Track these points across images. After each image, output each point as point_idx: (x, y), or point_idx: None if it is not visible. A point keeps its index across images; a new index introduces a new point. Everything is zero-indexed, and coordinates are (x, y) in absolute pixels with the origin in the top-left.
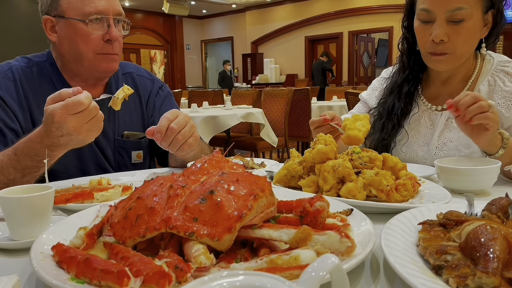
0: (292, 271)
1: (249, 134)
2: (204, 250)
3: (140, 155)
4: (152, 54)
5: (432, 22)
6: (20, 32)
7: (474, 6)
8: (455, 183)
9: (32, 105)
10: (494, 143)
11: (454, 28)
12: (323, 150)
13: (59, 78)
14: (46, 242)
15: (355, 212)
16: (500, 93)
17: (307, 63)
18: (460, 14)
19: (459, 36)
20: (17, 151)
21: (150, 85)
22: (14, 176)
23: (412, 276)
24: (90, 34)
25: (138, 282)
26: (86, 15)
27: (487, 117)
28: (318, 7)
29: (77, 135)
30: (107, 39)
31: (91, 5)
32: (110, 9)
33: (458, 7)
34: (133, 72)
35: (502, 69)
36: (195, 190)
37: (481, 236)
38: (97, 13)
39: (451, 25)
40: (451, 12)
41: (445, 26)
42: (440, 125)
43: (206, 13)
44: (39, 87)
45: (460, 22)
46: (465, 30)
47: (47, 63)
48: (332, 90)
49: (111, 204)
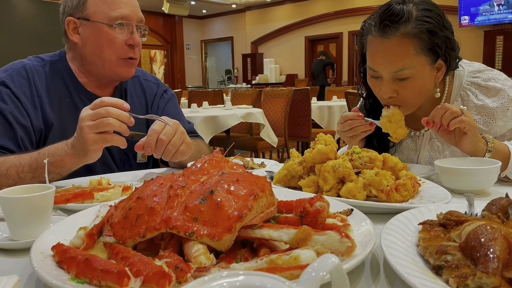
0: (292, 271)
1: (249, 134)
2: (204, 250)
3: (145, 155)
4: (152, 54)
5: (381, 78)
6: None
7: (418, 64)
8: (455, 183)
9: (44, 103)
10: (478, 148)
11: (401, 85)
12: (323, 150)
13: (71, 77)
14: (46, 242)
15: (355, 212)
16: (474, 109)
17: (307, 63)
18: (404, 74)
19: (407, 91)
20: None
21: (156, 89)
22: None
23: (412, 276)
24: (115, 38)
25: (138, 282)
26: (112, 20)
27: (462, 120)
28: (318, 7)
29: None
30: (129, 43)
31: (118, 10)
32: (134, 16)
33: (400, 68)
34: (140, 76)
35: (472, 81)
36: (195, 190)
37: (481, 236)
38: (122, 18)
39: (398, 82)
40: (395, 72)
41: (391, 84)
42: (423, 146)
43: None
44: (52, 86)
45: (406, 79)
46: (413, 85)
47: (59, 63)
48: (332, 90)
49: (111, 204)
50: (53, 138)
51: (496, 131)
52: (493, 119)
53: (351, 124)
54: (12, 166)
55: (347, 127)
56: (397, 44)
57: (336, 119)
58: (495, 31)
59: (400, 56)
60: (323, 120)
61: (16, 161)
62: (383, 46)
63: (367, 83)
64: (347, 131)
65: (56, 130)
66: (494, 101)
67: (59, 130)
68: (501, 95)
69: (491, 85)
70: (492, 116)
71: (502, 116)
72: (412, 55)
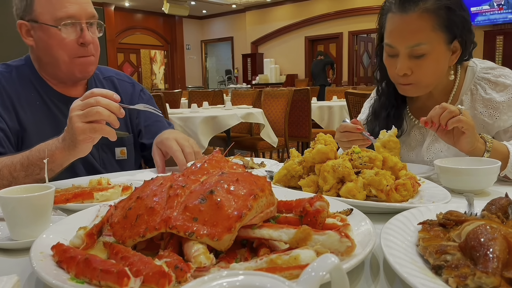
0: (292, 271)
1: (249, 134)
2: (204, 250)
3: (124, 152)
4: (152, 54)
5: (397, 56)
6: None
7: (435, 41)
8: (455, 183)
9: (16, 106)
10: (477, 147)
11: (417, 63)
12: (323, 150)
13: (39, 80)
14: (46, 242)
15: (355, 212)
16: (481, 102)
17: (307, 63)
18: (420, 49)
19: (422, 69)
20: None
21: (131, 89)
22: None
23: (412, 276)
24: (63, 39)
25: (138, 282)
26: (59, 20)
27: (460, 119)
28: (318, 7)
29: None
30: (81, 42)
31: (63, 10)
32: (83, 13)
33: (417, 43)
34: (114, 76)
35: (483, 77)
36: (195, 190)
37: (481, 236)
38: (69, 17)
39: (413, 59)
40: (411, 48)
41: (407, 60)
42: (429, 137)
43: (206, 13)
44: (21, 90)
45: (422, 56)
46: (427, 64)
47: (25, 67)
48: (332, 90)
49: (111, 204)
50: (30, 141)
51: (499, 124)
52: (498, 112)
53: (348, 137)
54: (4, 166)
55: (344, 138)
56: (415, 19)
57: (336, 119)
58: (495, 31)
59: (417, 31)
60: (323, 120)
61: (8, 160)
62: (402, 21)
63: (382, 65)
64: (344, 141)
65: (32, 133)
66: (501, 96)
67: (35, 133)
68: (508, 90)
69: (500, 81)
70: (497, 109)
71: (507, 110)
72: (429, 31)
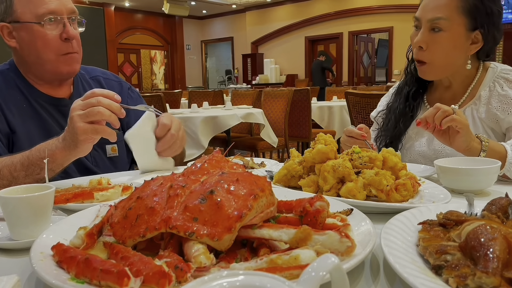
0: (292, 271)
1: (249, 134)
2: (204, 250)
3: (115, 149)
4: (152, 55)
5: (420, 29)
6: None
7: (455, 21)
8: (455, 183)
9: (4, 110)
10: (472, 147)
11: (433, 37)
12: (323, 150)
13: (24, 83)
14: (46, 242)
15: (355, 212)
16: (497, 97)
17: (307, 63)
18: (439, 23)
19: (436, 45)
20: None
21: (118, 87)
22: (18, 173)
23: (412, 276)
24: (47, 35)
25: (138, 282)
26: (40, 16)
27: (453, 119)
28: (318, 7)
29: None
30: (65, 38)
31: (43, 6)
32: (63, 8)
33: (437, 17)
34: (100, 76)
35: (503, 76)
36: (195, 190)
37: (481, 236)
38: (50, 13)
39: (432, 33)
40: (432, 21)
41: (426, 33)
42: None
43: (206, 14)
44: (7, 95)
45: (439, 31)
46: (443, 40)
47: (9, 71)
48: (332, 90)
49: (111, 204)
50: (20, 145)
51: (510, 120)
52: (511, 108)
53: (352, 143)
54: (4, 166)
55: (349, 144)
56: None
57: (336, 119)
58: None
59: (441, 5)
60: (323, 120)
61: (8, 160)
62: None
63: None
64: (348, 146)
65: (21, 135)
66: None
67: (24, 137)
68: None
69: None
70: (510, 105)
71: None
72: (452, 9)
